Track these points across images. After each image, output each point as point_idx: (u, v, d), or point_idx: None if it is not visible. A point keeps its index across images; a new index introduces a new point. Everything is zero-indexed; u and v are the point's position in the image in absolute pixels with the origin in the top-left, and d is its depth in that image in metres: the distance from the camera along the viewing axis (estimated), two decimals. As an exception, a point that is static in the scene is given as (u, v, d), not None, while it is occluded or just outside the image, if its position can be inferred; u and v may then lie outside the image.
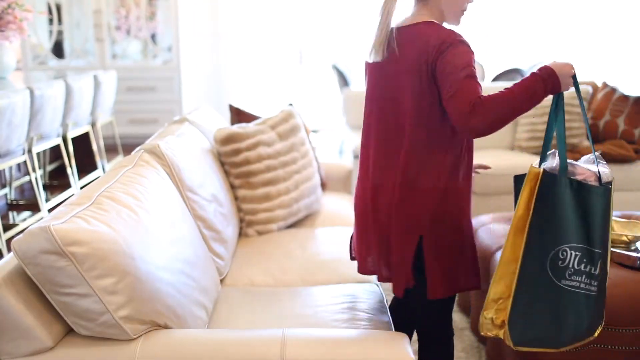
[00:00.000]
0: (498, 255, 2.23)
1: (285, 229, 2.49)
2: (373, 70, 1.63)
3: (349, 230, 1.90)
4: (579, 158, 4.12)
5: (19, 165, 4.24)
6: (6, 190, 4.12)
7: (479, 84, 1.45)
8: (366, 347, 1.30)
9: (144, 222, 1.41)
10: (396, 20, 1.58)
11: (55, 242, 1.18)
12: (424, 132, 1.52)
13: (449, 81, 1.44)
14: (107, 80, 4.60)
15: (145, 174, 1.63)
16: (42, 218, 3.52)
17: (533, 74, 1.46)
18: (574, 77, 1.50)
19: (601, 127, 3.90)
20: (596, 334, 1.55)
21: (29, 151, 3.50)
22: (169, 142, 1.93)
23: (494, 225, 2.51)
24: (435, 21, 1.54)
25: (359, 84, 5.69)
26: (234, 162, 2.40)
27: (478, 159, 4.00)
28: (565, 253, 1.44)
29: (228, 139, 2.39)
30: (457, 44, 1.47)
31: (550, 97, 1.53)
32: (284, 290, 1.90)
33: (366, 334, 1.36)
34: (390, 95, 1.57)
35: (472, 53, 1.49)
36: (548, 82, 1.44)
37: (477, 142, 4.56)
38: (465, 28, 1.64)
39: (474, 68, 1.47)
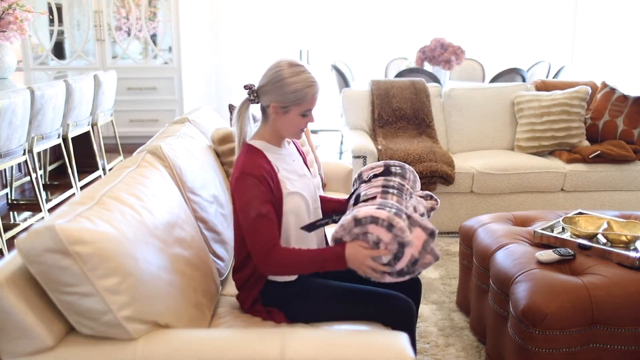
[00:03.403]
0: (498, 255, 2.24)
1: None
2: None
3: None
4: (579, 158, 4.10)
5: (19, 165, 4.25)
6: (7, 190, 4.12)
7: (272, 220, 1.60)
8: (366, 346, 1.31)
9: (146, 222, 1.42)
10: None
11: (59, 241, 1.18)
12: (242, 239, 1.68)
13: (242, 217, 1.62)
14: (107, 80, 4.61)
15: (148, 175, 1.64)
16: (42, 218, 3.52)
17: (330, 250, 1.60)
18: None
19: (600, 127, 3.91)
20: None
21: (30, 151, 3.51)
22: (170, 144, 1.93)
23: (493, 225, 2.52)
24: (256, 143, 1.71)
25: (359, 84, 5.70)
26: (232, 161, 2.40)
27: (479, 159, 4.02)
28: None
29: (225, 139, 2.40)
30: (244, 176, 1.61)
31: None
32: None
33: (366, 333, 1.36)
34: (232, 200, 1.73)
35: (260, 185, 1.61)
36: (339, 262, 1.58)
37: (476, 142, 4.55)
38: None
39: (263, 202, 1.59)
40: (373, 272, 1.57)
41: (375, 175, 1.82)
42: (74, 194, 4.13)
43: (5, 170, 4.10)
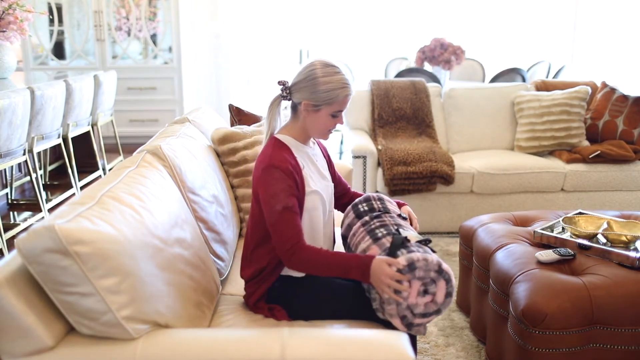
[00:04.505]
0: (498, 255, 2.24)
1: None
2: None
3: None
4: (579, 158, 4.11)
5: (19, 165, 4.25)
6: (7, 190, 4.12)
7: (297, 214, 1.61)
8: (366, 346, 1.30)
9: (146, 222, 1.42)
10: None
11: (59, 241, 1.18)
12: (258, 231, 1.73)
13: (267, 209, 1.63)
14: (107, 80, 4.61)
15: (147, 175, 1.64)
16: (42, 218, 3.52)
17: (357, 258, 1.57)
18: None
19: (600, 127, 3.91)
20: None
21: (30, 151, 3.51)
22: (170, 143, 1.93)
23: (493, 225, 2.52)
24: (283, 138, 1.73)
25: (359, 84, 5.69)
26: (232, 161, 2.40)
27: (479, 159, 4.02)
28: None
29: (225, 139, 2.40)
30: (271, 169, 1.62)
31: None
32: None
33: (366, 333, 1.36)
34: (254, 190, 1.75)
35: (287, 179, 1.62)
36: (364, 273, 1.55)
37: (476, 142, 4.55)
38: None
39: (289, 196, 1.61)
40: (390, 292, 1.52)
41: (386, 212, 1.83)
42: (74, 194, 4.13)
43: (5, 170, 4.10)
